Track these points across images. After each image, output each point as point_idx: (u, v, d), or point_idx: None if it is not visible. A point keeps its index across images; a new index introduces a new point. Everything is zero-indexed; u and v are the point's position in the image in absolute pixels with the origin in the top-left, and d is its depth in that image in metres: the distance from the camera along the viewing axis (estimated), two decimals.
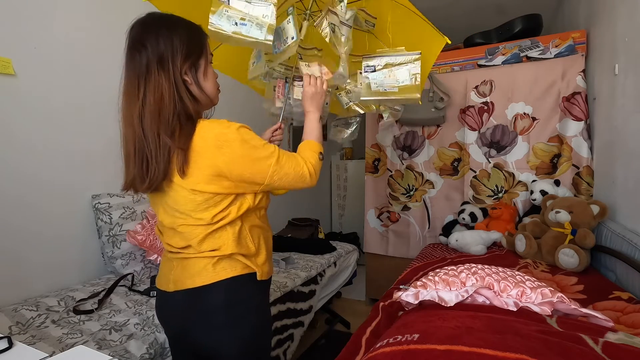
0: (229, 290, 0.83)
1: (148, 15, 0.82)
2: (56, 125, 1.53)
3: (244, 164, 0.79)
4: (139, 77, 0.77)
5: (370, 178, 2.83)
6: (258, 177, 0.81)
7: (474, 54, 2.39)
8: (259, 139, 0.83)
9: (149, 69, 0.77)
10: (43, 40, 1.48)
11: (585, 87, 2.06)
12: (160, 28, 0.79)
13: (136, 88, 0.77)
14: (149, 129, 0.76)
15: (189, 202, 0.80)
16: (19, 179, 1.40)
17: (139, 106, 0.76)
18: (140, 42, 0.78)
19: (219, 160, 0.77)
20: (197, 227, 0.82)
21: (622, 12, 1.64)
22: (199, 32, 0.85)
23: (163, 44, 0.78)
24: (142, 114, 0.76)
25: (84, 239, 1.63)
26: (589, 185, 2.03)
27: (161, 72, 0.77)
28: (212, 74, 0.89)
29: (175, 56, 0.79)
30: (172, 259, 0.87)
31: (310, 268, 2.01)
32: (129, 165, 0.80)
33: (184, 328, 0.86)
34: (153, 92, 0.77)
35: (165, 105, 0.77)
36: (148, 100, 0.76)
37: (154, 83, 0.77)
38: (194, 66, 0.83)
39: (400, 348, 0.76)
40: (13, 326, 1.15)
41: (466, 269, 1.06)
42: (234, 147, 0.77)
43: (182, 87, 0.80)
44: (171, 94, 0.77)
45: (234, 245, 0.83)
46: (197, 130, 0.78)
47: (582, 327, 0.83)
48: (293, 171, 0.85)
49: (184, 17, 0.85)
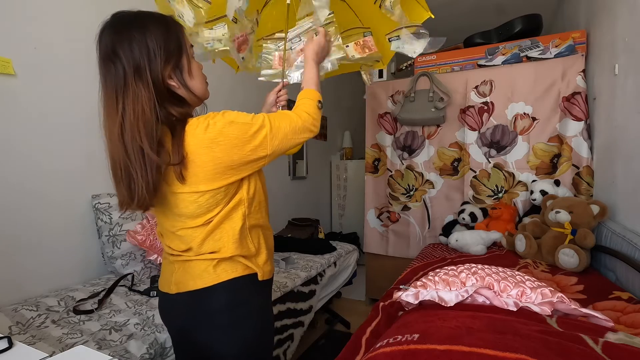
0: (231, 291, 0.83)
1: (115, 17, 0.76)
2: (56, 125, 1.53)
3: (241, 145, 0.77)
4: (116, 91, 0.72)
5: (370, 178, 2.83)
6: (260, 151, 0.80)
7: (474, 54, 2.39)
8: (244, 114, 0.80)
9: (126, 80, 0.72)
10: (43, 40, 1.48)
11: (585, 87, 2.07)
12: (131, 32, 0.73)
13: (114, 102, 0.72)
14: (131, 146, 0.72)
15: (190, 204, 0.79)
16: (18, 179, 1.40)
17: (119, 122, 0.72)
18: (113, 51, 0.72)
19: (216, 152, 0.75)
20: (196, 229, 0.81)
21: (622, 12, 1.64)
22: (174, 27, 0.79)
23: (137, 50, 0.72)
24: (123, 130, 0.72)
25: (84, 239, 1.63)
26: (589, 185, 2.03)
27: (139, 83, 0.72)
28: (198, 69, 0.84)
29: (152, 62, 0.74)
30: (174, 261, 0.87)
31: (310, 268, 2.01)
32: (118, 185, 0.77)
33: (187, 329, 0.86)
34: (132, 105, 0.72)
35: (147, 119, 0.72)
36: (128, 115, 0.71)
37: (132, 96, 0.72)
38: (178, 68, 0.79)
39: (400, 348, 0.76)
40: (13, 326, 1.15)
41: (466, 269, 1.06)
42: (225, 133, 0.75)
43: (165, 95, 0.76)
44: (152, 106, 0.73)
45: (234, 248, 0.82)
46: (187, 131, 0.74)
47: (582, 327, 0.83)
48: (291, 129, 0.84)
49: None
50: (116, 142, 0.73)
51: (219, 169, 0.76)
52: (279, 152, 0.84)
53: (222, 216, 0.81)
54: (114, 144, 0.74)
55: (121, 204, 0.79)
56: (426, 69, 2.52)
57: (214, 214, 0.81)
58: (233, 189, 0.82)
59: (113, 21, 0.75)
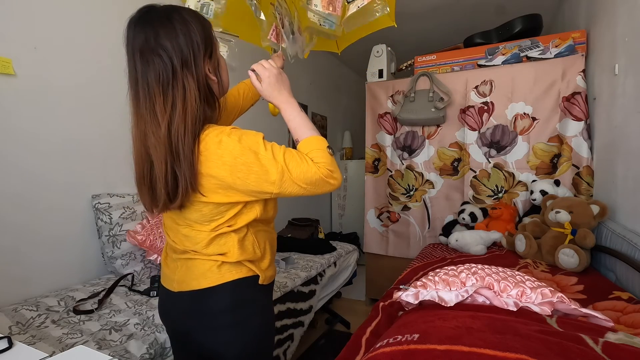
0: (234, 291, 0.82)
1: (147, 10, 0.72)
2: (56, 125, 1.52)
3: (248, 175, 0.72)
4: (163, 86, 0.69)
5: (370, 178, 2.83)
6: (266, 187, 0.73)
7: (474, 54, 2.39)
8: (262, 142, 0.73)
9: (175, 74, 0.69)
10: (43, 40, 1.48)
11: (585, 87, 2.07)
12: (173, 24, 0.70)
13: (161, 99, 0.69)
14: (178, 145, 0.68)
15: (194, 212, 0.78)
16: (18, 179, 1.40)
17: (167, 119, 0.68)
18: (157, 44, 0.69)
19: (221, 170, 0.72)
20: (201, 232, 0.80)
21: (622, 12, 1.64)
22: (206, 21, 0.77)
23: (184, 42, 0.70)
24: (171, 127, 0.68)
25: (84, 238, 1.63)
26: (589, 185, 2.03)
27: (188, 76, 0.70)
28: (224, 62, 0.83)
29: (197, 55, 0.71)
30: (177, 259, 0.86)
31: (310, 268, 2.01)
32: (156, 187, 0.72)
33: (187, 328, 0.85)
34: (182, 101, 0.69)
35: (195, 115, 0.69)
36: (177, 111, 0.69)
37: (182, 90, 0.69)
38: (216, 62, 0.77)
39: (400, 348, 0.75)
40: (13, 326, 1.15)
41: (466, 269, 1.06)
42: (236, 156, 0.70)
43: (205, 90, 0.74)
44: (196, 99, 0.71)
45: (239, 253, 0.81)
46: (201, 137, 0.72)
47: (582, 327, 0.83)
48: (305, 179, 0.74)
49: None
50: (161, 143, 0.69)
51: (222, 185, 0.74)
52: (287, 194, 0.75)
53: (229, 224, 0.80)
54: (158, 145, 0.69)
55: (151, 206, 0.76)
56: (426, 68, 2.52)
57: (220, 224, 0.79)
58: (240, 205, 0.80)
59: (147, 14, 0.71)
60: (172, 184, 0.72)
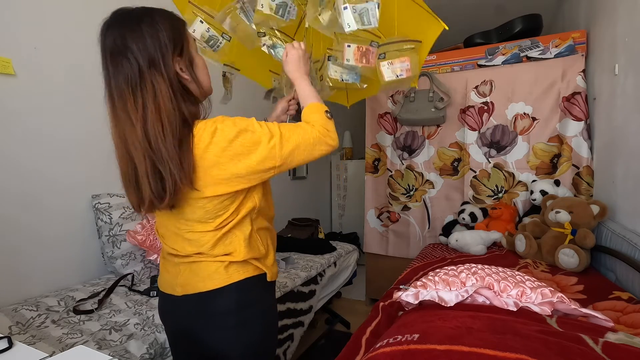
0: (242, 291, 0.83)
1: (120, 12, 0.74)
2: (56, 125, 1.52)
3: (248, 154, 0.74)
4: (132, 87, 0.70)
5: (370, 178, 2.83)
6: (268, 162, 0.76)
7: (474, 54, 2.39)
8: (254, 122, 0.77)
9: (142, 75, 0.70)
10: (43, 40, 1.48)
11: (585, 87, 2.06)
12: (141, 25, 0.71)
13: (132, 100, 0.70)
14: (160, 139, 0.69)
15: (198, 209, 0.78)
16: (18, 179, 1.40)
17: (141, 120, 0.70)
18: (124, 46, 0.70)
19: (222, 159, 0.73)
20: (206, 233, 0.80)
21: (622, 12, 1.64)
22: (177, 21, 0.78)
23: (150, 43, 0.71)
24: (146, 128, 0.69)
25: (84, 238, 1.63)
26: (589, 185, 2.03)
27: (157, 76, 0.71)
28: (203, 62, 0.84)
29: (165, 55, 0.72)
30: (179, 263, 0.85)
31: (310, 268, 2.01)
32: (138, 187, 0.74)
33: (191, 330, 0.85)
34: (153, 101, 0.70)
35: (170, 114, 0.71)
36: (150, 111, 0.70)
37: (151, 91, 0.70)
38: (188, 60, 0.78)
39: (400, 348, 0.76)
40: (13, 326, 1.15)
41: (466, 269, 1.06)
42: (233, 141, 0.73)
43: (180, 90, 0.75)
44: (172, 99, 0.72)
45: (246, 251, 0.82)
46: (194, 134, 0.73)
47: (582, 327, 0.83)
48: (303, 141, 0.78)
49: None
50: (139, 143, 0.70)
51: (225, 175, 0.75)
52: (290, 164, 0.79)
53: (233, 223, 0.81)
54: (136, 144, 0.70)
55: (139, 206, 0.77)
56: (426, 69, 2.51)
57: (224, 220, 0.80)
58: (241, 195, 0.81)
59: (118, 17, 0.73)
60: (157, 183, 0.72)
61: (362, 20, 1.00)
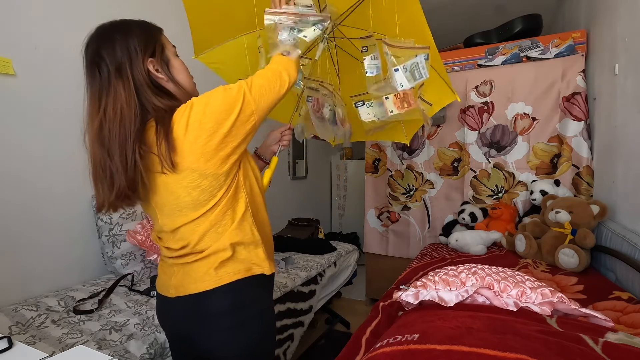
0: (234, 293, 0.82)
1: (99, 27, 0.81)
2: (56, 125, 1.52)
3: (229, 110, 0.77)
4: (100, 92, 0.76)
5: (370, 178, 2.83)
6: (246, 108, 0.80)
7: (474, 54, 2.39)
8: (221, 87, 0.82)
9: (110, 81, 0.76)
10: (43, 40, 1.48)
11: (585, 87, 2.07)
12: (113, 35, 0.78)
13: (97, 104, 0.76)
14: (110, 144, 0.74)
15: (192, 190, 0.78)
16: (19, 179, 1.40)
17: (99, 121, 0.75)
18: (98, 56, 0.77)
19: (206, 124, 0.75)
20: (198, 221, 0.81)
21: (622, 12, 1.64)
22: (154, 28, 0.85)
23: (119, 50, 0.77)
24: (102, 128, 0.75)
25: (84, 239, 1.63)
26: (589, 185, 2.03)
27: (119, 81, 0.76)
28: (182, 64, 0.88)
29: (134, 59, 0.77)
30: (172, 264, 0.86)
31: (310, 268, 2.01)
32: (99, 184, 0.79)
33: (187, 332, 0.85)
34: (113, 104, 0.75)
35: (125, 116, 0.75)
36: (108, 114, 0.75)
37: (113, 95, 0.75)
38: (163, 61, 0.83)
39: (400, 348, 0.76)
40: (13, 326, 1.15)
41: (466, 269, 1.06)
42: (211, 103, 0.76)
43: (151, 88, 0.79)
44: (132, 102, 0.76)
45: (234, 234, 0.82)
46: (174, 119, 0.76)
47: (582, 327, 0.83)
48: (265, 80, 0.85)
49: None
50: (95, 142, 0.76)
51: (214, 140, 0.76)
52: (265, 106, 0.84)
53: (226, 202, 0.81)
54: (93, 143, 0.77)
55: (101, 205, 0.80)
56: None
57: (218, 199, 0.80)
58: (234, 171, 0.83)
59: (97, 30, 0.80)
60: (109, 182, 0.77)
61: (413, 76, 1.04)
